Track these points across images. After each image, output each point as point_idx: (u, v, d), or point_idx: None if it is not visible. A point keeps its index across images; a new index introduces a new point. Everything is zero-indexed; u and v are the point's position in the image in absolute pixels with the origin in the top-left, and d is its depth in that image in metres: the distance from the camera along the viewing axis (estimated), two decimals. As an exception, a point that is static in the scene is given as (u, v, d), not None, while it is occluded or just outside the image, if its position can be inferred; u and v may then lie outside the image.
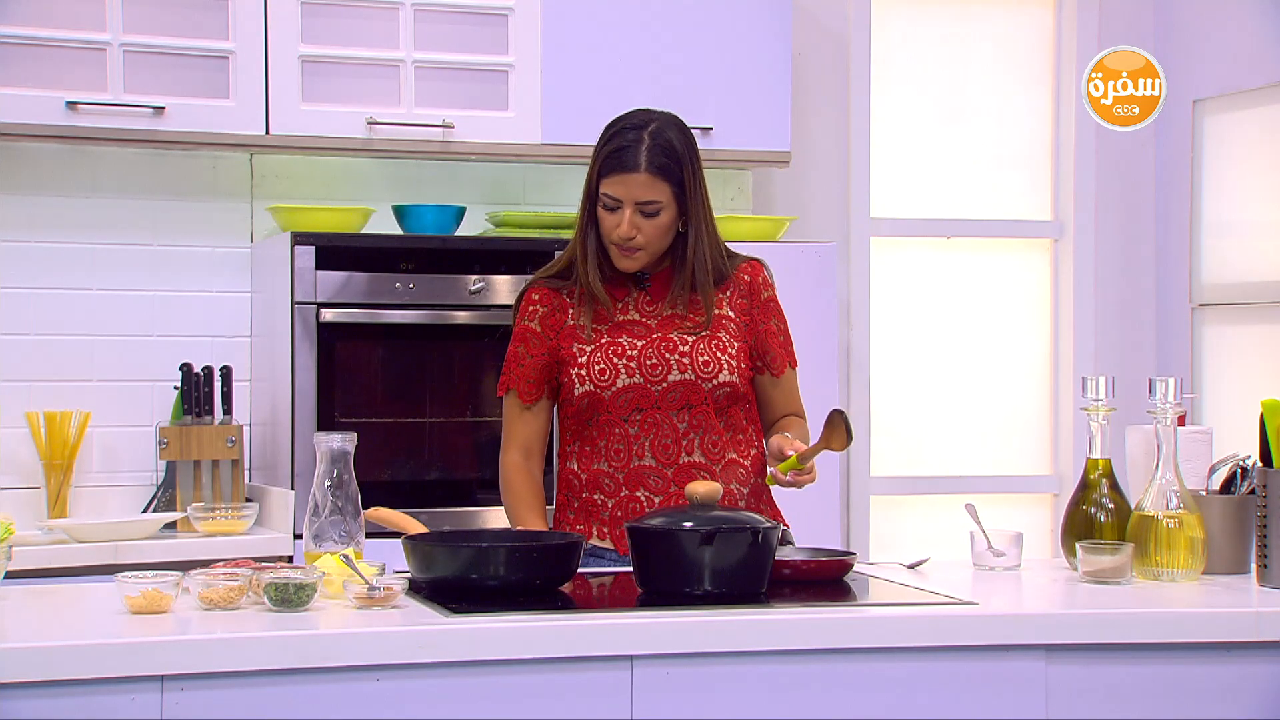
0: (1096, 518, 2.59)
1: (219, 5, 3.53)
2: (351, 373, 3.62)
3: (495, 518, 3.63)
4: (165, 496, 3.65)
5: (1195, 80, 4.25)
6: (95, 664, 1.98)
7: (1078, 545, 2.53)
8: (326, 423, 3.51)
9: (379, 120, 3.64)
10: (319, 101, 3.61)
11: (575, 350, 2.69)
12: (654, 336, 2.69)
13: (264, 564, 2.35)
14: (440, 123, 3.68)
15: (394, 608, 2.22)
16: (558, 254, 2.79)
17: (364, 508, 2.52)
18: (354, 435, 2.50)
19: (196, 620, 2.15)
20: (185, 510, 3.51)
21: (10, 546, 2.29)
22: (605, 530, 2.69)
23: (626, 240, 2.66)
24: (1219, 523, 2.56)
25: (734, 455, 2.70)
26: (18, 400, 3.62)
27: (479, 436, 3.70)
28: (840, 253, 4.22)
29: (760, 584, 2.35)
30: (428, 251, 3.67)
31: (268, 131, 3.59)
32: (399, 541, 2.40)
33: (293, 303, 3.55)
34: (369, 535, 2.53)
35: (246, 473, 3.73)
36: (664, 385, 2.67)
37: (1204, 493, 2.61)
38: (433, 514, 3.56)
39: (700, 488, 2.39)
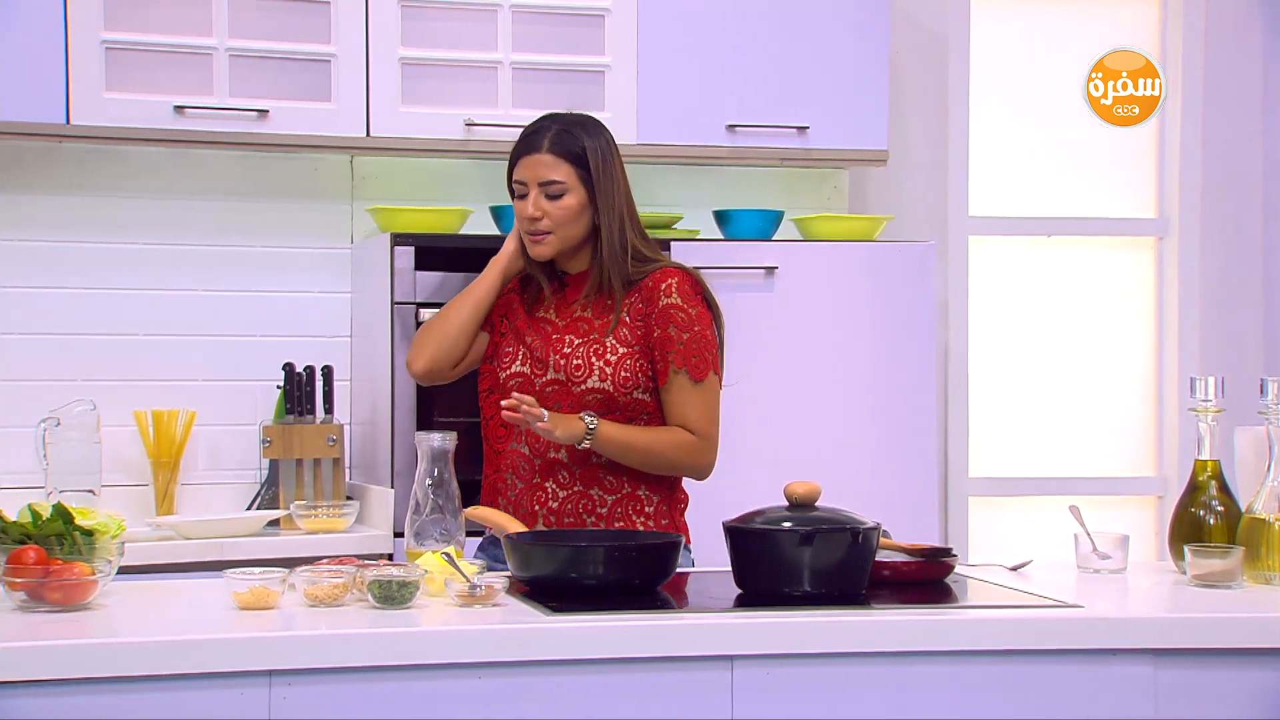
0: (1205, 520, 2.54)
1: (321, 9, 3.57)
2: (450, 372, 3.63)
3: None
4: (268, 494, 3.70)
5: (1305, 73, 4.15)
6: (205, 659, 2.02)
7: (1186, 548, 2.48)
8: (425, 422, 3.54)
9: (477, 121, 3.66)
10: (418, 103, 3.64)
11: (499, 331, 2.79)
12: (554, 335, 2.72)
13: (367, 562, 2.38)
14: (537, 123, 3.69)
15: (495, 606, 2.24)
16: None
17: (464, 506, 2.55)
18: (454, 434, 2.52)
19: (302, 616, 2.18)
20: (288, 508, 3.56)
21: (122, 543, 2.34)
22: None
23: (534, 222, 2.69)
24: (1333, 526, 2.50)
25: (598, 460, 2.68)
26: (127, 399, 3.69)
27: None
28: (938, 252, 4.18)
29: (860, 584, 2.34)
30: (525, 252, 3.68)
31: (368, 133, 3.62)
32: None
33: (392, 303, 3.58)
34: (469, 533, 2.55)
35: (347, 471, 3.78)
36: (544, 380, 2.70)
37: (1317, 496, 2.55)
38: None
39: (799, 488, 2.38)
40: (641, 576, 2.35)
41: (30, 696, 1.96)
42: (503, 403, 2.61)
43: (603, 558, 2.33)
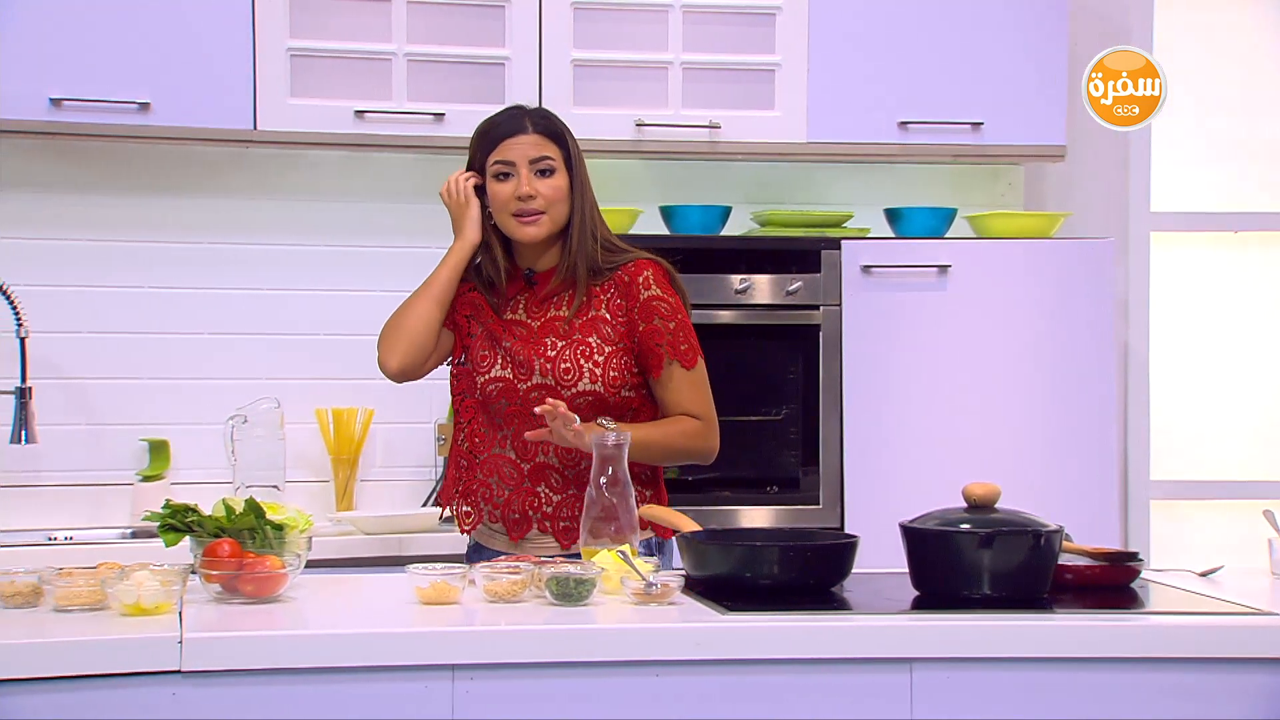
0: None
1: (496, 13, 3.63)
2: (621, 371, 3.66)
3: (758, 516, 3.64)
4: (443, 491, 3.77)
5: None
6: (392, 652, 2.06)
7: (1388, 556, 2.38)
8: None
9: (647, 122, 3.68)
10: (589, 104, 3.67)
11: (468, 332, 2.75)
12: (531, 339, 2.68)
13: (543, 559, 2.40)
14: (707, 123, 3.70)
15: (670, 604, 2.25)
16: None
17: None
18: (627, 434, 2.54)
19: (482, 612, 2.22)
20: (462, 504, 3.62)
21: (310, 537, 2.40)
22: (463, 508, 2.75)
23: (528, 200, 2.65)
24: None
25: (586, 461, 2.61)
26: (308, 398, 3.79)
27: (744, 434, 3.70)
28: (1118, 249, 4.07)
29: (1042, 588, 2.29)
30: (694, 251, 3.68)
31: (540, 135, 3.66)
32: (673, 539, 2.43)
33: (564, 303, 3.61)
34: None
35: (519, 469, 3.82)
36: (529, 385, 2.66)
37: None
38: (701, 511, 3.57)
39: (979, 489, 2.34)
40: (817, 576, 2.34)
41: (224, 685, 2.03)
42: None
43: (778, 558, 2.32)
